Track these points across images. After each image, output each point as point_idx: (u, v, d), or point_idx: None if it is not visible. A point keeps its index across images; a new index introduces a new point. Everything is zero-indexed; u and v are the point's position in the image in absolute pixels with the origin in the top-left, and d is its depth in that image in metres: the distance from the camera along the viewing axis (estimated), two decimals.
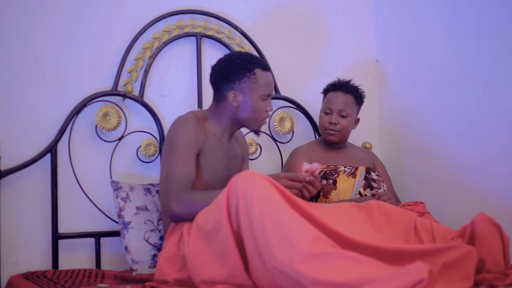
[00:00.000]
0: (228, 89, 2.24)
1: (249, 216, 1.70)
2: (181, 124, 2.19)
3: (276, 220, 1.65)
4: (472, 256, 1.75)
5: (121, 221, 2.37)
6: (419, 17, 2.91)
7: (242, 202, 1.71)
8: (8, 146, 2.40)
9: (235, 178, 1.78)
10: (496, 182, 2.49)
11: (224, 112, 2.27)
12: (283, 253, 1.60)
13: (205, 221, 1.88)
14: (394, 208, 2.11)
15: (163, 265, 2.00)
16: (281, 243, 1.61)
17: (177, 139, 2.15)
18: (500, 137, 2.48)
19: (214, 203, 1.87)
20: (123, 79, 2.60)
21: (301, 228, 1.63)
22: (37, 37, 2.49)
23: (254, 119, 2.27)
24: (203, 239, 1.87)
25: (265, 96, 2.26)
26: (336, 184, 2.52)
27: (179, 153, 2.13)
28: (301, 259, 1.56)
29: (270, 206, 1.69)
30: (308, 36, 3.02)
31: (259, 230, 1.67)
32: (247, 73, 2.23)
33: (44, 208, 2.44)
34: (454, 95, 2.70)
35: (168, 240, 2.08)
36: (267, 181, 1.76)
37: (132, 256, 2.33)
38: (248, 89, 2.23)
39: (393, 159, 3.01)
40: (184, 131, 2.17)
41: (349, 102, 2.65)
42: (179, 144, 2.14)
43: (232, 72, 2.24)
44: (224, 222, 1.76)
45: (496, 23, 2.50)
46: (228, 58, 2.30)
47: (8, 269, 2.34)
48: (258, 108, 2.25)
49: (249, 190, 1.71)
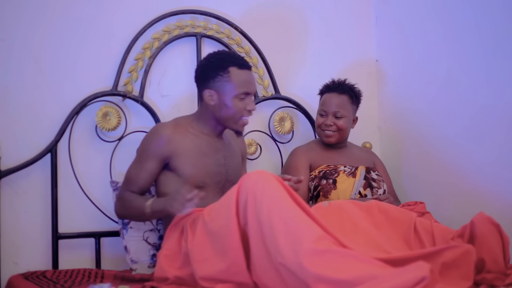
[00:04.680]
0: (204, 88, 2.24)
1: (257, 212, 1.74)
2: (150, 133, 2.29)
3: (284, 217, 1.70)
4: (471, 255, 1.75)
5: (120, 221, 2.38)
6: (419, 17, 2.91)
7: (251, 199, 1.76)
8: (8, 146, 2.41)
9: (246, 177, 1.83)
10: (496, 182, 2.48)
11: (206, 111, 2.27)
12: (289, 248, 1.64)
13: (211, 217, 1.91)
14: (394, 208, 2.11)
15: (163, 262, 2.01)
16: (287, 239, 1.66)
17: (141, 146, 2.27)
18: (500, 137, 2.48)
19: (222, 200, 1.90)
20: (123, 79, 2.61)
21: (307, 226, 1.68)
22: (37, 37, 2.49)
23: (231, 118, 2.23)
24: (208, 235, 1.89)
25: (242, 95, 2.21)
26: (336, 184, 2.52)
27: (137, 159, 2.26)
28: (307, 254, 1.60)
29: (278, 203, 1.74)
30: (308, 36, 3.02)
31: (266, 226, 1.71)
32: (220, 71, 2.21)
33: (44, 208, 2.44)
34: (454, 95, 2.70)
35: (168, 238, 2.09)
36: (277, 180, 1.80)
37: (131, 256, 2.34)
38: (222, 88, 2.21)
39: (393, 159, 3.00)
40: (150, 140, 2.25)
41: (344, 103, 2.65)
42: (141, 151, 2.26)
43: (207, 71, 2.24)
44: (232, 218, 1.79)
45: (497, 23, 2.50)
46: (206, 57, 2.32)
47: (8, 269, 2.35)
48: (235, 107, 2.21)
49: (259, 188, 1.77)
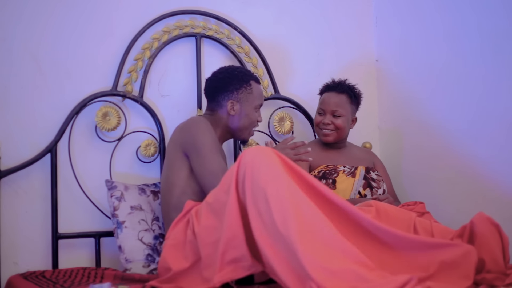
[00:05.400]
0: (226, 98, 2.39)
1: (253, 186, 1.77)
2: (202, 124, 2.28)
3: (280, 195, 1.74)
4: (471, 255, 1.75)
5: (115, 220, 2.38)
6: (420, 16, 2.91)
7: (249, 172, 1.79)
8: (8, 146, 2.41)
9: (246, 151, 1.86)
10: (496, 182, 2.48)
11: (220, 121, 2.40)
12: (282, 227, 1.69)
13: (214, 198, 1.94)
14: (394, 208, 2.11)
15: (168, 253, 2.01)
16: (279, 216, 1.70)
17: (204, 138, 2.23)
18: (500, 137, 2.48)
19: (224, 179, 1.92)
20: (122, 79, 2.61)
21: (299, 207, 1.72)
22: (37, 37, 2.50)
23: (246, 128, 2.43)
24: (212, 215, 1.91)
25: (258, 106, 2.44)
26: (335, 184, 2.52)
27: (211, 151, 2.22)
28: (295, 239, 1.65)
29: (275, 179, 1.77)
30: (308, 36, 3.02)
31: (262, 200, 1.74)
32: (244, 84, 2.40)
33: (44, 208, 2.45)
34: (454, 95, 2.70)
35: (174, 229, 2.09)
36: (276, 156, 1.84)
37: (126, 256, 2.33)
38: (244, 99, 2.40)
39: (393, 159, 3.00)
40: (207, 130, 2.26)
41: (342, 102, 2.65)
42: (208, 142, 2.23)
43: (230, 82, 2.40)
44: (232, 192, 1.82)
45: (497, 23, 2.49)
46: (225, 70, 2.45)
47: (8, 269, 2.35)
48: (251, 117, 2.42)
49: (257, 162, 1.80)
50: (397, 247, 1.80)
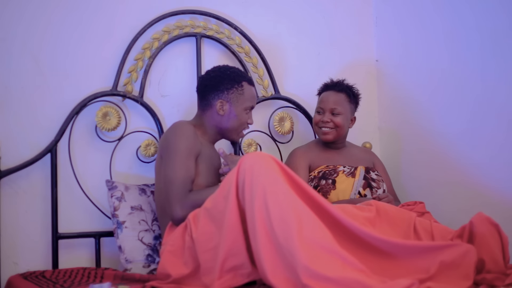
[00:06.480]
0: (216, 98, 2.36)
1: (252, 193, 1.76)
2: (179, 129, 2.25)
3: (279, 202, 1.73)
4: (471, 255, 1.75)
5: (115, 221, 2.38)
6: (419, 17, 2.91)
7: (248, 179, 1.78)
8: (8, 146, 2.41)
9: (245, 157, 1.85)
10: (496, 182, 2.48)
11: (210, 120, 2.37)
12: (282, 236, 1.68)
13: (213, 204, 1.92)
14: (394, 208, 2.11)
15: (167, 259, 2.01)
16: (279, 224, 1.69)
17: (176, 143, 2.19)
18: (500, 137, 2.48)
19: (222, 185, 1.91)
20: (123, 79, 2.61)
21: (298, 214, 1.71)
22: (37, 37, 2.50)
23: (236, 129, 2.39)
24: (210, 221, 1.90)
25: (249, 108, 2.40)
26: (335, 184, 2.52)
27: (179, 158, 2.17)
28: (297, 247, 1.64)
29: (273, 187, 1.76)
30: (308, 36, 3.02)
31: (262, 208, 1.73)
32: (236, 84, 2.36)
33: (44, 208, 2.45)
34: (454, 95, 2.70)
35: (171, 234, 2.09)
36: (275, 163, 1.83)
37: (126, 256, 2.33)
38: (234, 100, 2.36)
39: (393, 159, 3.01)
40: (183, 136, 2.22)
41: (341, 100, 2.66)
42: (179, 148, 2.19)
43: (221, 82, 2.36)
44: (232, 199, 1.81)
45: (496, 23, 2.50)
46: (218, 69, 2.41)
47: (8, 269, 2.35)
48: (241, 119, 2.38)
49: (256, 169, 1.79)
50: (397, 255, 1.79)
